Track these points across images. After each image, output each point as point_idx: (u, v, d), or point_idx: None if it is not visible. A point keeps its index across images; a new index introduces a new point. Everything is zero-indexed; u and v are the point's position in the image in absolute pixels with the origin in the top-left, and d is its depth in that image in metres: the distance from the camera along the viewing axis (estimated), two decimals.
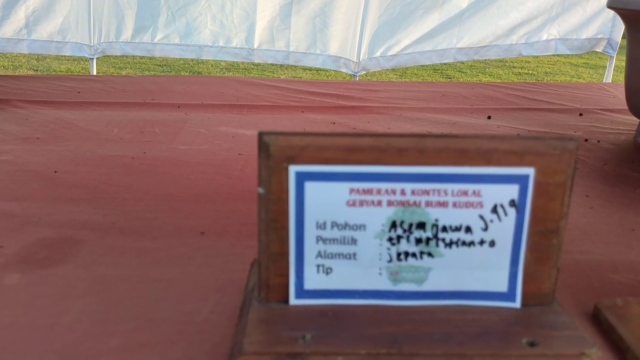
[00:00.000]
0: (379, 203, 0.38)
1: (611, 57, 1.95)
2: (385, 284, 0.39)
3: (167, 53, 1.98)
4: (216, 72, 3.47)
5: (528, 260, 0.39)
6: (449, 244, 0.39)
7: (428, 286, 0.39)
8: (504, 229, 0.38)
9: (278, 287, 0.39)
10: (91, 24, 1.92)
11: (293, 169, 0.37)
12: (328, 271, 0.39)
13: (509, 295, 0.40)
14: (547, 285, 0.40)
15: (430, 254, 0.39)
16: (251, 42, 1.95)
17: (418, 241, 0.39)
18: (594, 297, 0.46)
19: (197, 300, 0.45)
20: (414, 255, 0.39)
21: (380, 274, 0.39)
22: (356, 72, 2.00)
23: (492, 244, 0.39)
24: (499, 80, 3.64)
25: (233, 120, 1.09)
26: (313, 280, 0.39)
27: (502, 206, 0.38)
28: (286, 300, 0.39)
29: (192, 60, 3.31)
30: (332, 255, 0.39)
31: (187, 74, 3.32)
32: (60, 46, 1.93)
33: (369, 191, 0.38)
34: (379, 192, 0.38)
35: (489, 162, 0.37)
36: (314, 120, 1.11)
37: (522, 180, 0.38)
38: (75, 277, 0.49)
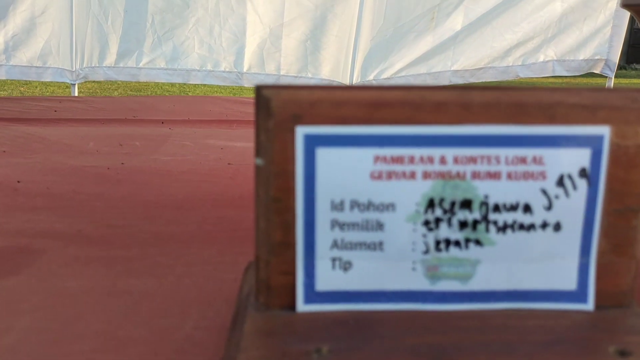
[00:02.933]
0: (412, 175, 0.29)
1: (609, 78, 1.92)
2: (420, 283, 0.30)
3: (152, 77, 1.90)
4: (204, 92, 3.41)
5: (602, 249, 0.30)
6: (503, 228, 0.30)
7: (476, 285, 0.30)
8: (572, 208, 0.30)
9: (282, 288, 0.30)
10: (73, 49, 1.85)
11: (301, 131, 0.29)
12: (346, 266, 0.30)
13: (579, 295, 0.31)
14: (626, 281, 0.31)
15: (478, 242, 0.30)
16: (240, 65, 1.88)
17: (462, 225, 0.30)
18: None
19: (177, 314, 0.36)
20: (457, 243, 0.30)
21: (414, 269, 0.30)
22: None
23: (557, 227, 0.30)
24: None
25: (222, 134, 1.01)
26: (327, 278, 0.30)
27: (570, 177, 0.30)
28: (292, 306, 0.30)
29: (189, 85, 3.25)
30: (352, 246, 0.30)
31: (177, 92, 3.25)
32: (41, 71, 1.85)
33: (399, 159, 0.29)
34: (412, 160, 0.29)
35: (552, 120, 0.29)
36: None
37: (594, 142, 0.29)
38: (26, 289, 0.39)
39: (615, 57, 1.91)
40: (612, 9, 1.87)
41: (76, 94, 1.92)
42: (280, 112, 0.29)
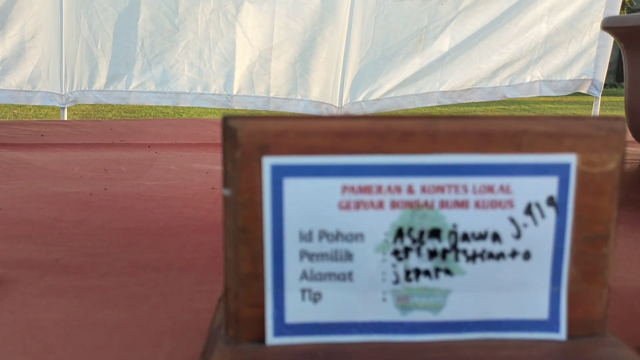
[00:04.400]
0: (380, 204, 0.29)
1: (596, 98, 1.94)
2: (391, 314, 0.30)
3: (142, 101, 1.91)
4: (196, 115, 3.42)
5: (573, 277, 0.30)
6: (472, 257, 0.30)
7: (447, 315, 0.30)
8: (541, 236, 0.30)
9: (251, 321, 0.30)
10: (63, 73, 1.85)
11: (268, 162, 0.29)
12: (316, 298, 0.30)
13: (551, 324, 0.30)
14: (598, 309, 0.31)
15: (448, 271, 0.30)
16: (230, 88, 1.89)
17: (432, 254, 0.30)
18: None
19: (148, 346, 0.35)
20: (427, 273, 0.30)
21: (384, 299, 0.30)
22: None
23: (526, 255, 0.30)
24: None
25: (208, 158, 1.01)
26: (297, 310, 0.30)
27: (537, 205, 0.30)
28: (262, 339, 0.30)
29: (184, 107, 3.25)
30: (321, 276, 0.30)
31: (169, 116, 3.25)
32: (30, 95, 1.85)
33: (367, 189, 0.29)
34: (379, 190, 0.29)
35: (518, 149, 0.29)
36: None
37: (561, 170, 0.29)
38: None
39: (602, 77, 1.93)
40: (597, 30, 1.89)
41: (66, 118, 1.92)
42: (246, 143, 0.29)
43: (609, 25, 0.87)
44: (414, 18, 1.85)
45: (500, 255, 0.30)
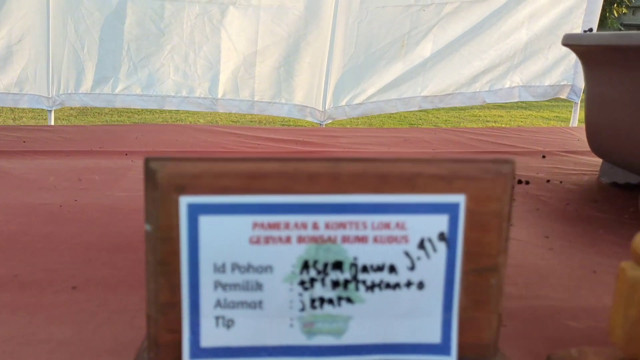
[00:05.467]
0: (288, 240, 0.32)
1: (575, 103, 1.97)
2: (298, 338, 0.33)
3: (128, 104, 1.93)
4: (191, 120, 3.43)
5: (463, 305, 0.33)
6: (371, 287, 0.33)
7: (348, 339, 0.33)
8: (433, 268, 0.33)
9: (170, 345, 0.33)
10: (50, 76, 1.87)
11: (184, 201, 0.32)
12: (229, 324, 0.33)
13: (443, 347, 0.34)
14: (488, 334, 0.34)
15: (349, 300, 0.33)
16: (215, 92, 1.92)
17: (335, 284, 0.33)
18: (549, 348, 0.40)
19: None
20: (330, 301, 0.33)
21: (291, 325, 0.33)
22: (322, 121, 1.97)
23: (420, 285, 0.33)
24: None
25: None
26: (211, 335, 0.33)
27: (430, 240, 0.33)
28: None
29: (182, 112, 3.26)
30: (234, 305, 0.33)
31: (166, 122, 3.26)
32: (17, 98, 1.88)
33: (275, 225, 0.32)
34: (287, 226, 0.32)
35: (413, 189, 0.32)
36: None
37: (451, 209, 0.32)
38: None
39: (581, 82, 1.96)
40: None
41: (52, 122, 1.94)
42: (165, 183, 0.32)
43: (568, 43, 0.90)
44: (396, 24, 1.88)
45: (396, 285, 0.33)
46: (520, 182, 0.92)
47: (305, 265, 0.33)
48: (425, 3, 1.86)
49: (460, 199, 0.32)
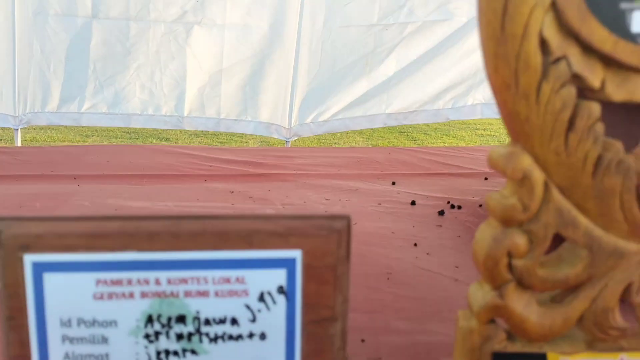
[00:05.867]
0: (132, 295, 0.34)
1: None
2: None
3: (94, 122, 1.94)
4: (184, 138, 3.43)
5: (305, 353, 0.35)
6: (214, 339, 0.34)
7: None
8: (274, 319, 0.34)
9: None
10: (16, 95, 1.88)
11: (29, 259, 0.33)
12: None
13: None
14: None
15: (194, 352, 0.34)
16: (181, 109, 1.94)
17: (179, 337, 0.34)
18: None
19: None
20: (175, 353, 0.34)
21: None
22: (288, 138, 2.00)
23: (262, 336, 0.35)
24: (462, 143, 3.71)
25: (127, 191, 1.05)
26: None
27: (269, 293, 0.34)
28: None
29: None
30: (82, 357, 0.34)
31: (155, 141, 3.26)
32: None
33: (118, 282, 0.34)
34: (130, 282, 0.34)
35: (250, 245, 0.34)
36: (213, 189, 1.07)
37: (289, 264, 0.34)
38: None
39: None
40: None
41: (19, 143, 1.95)
42: (10, 243, 0.33)
43: None
44: (360, 43, 1.91)
45: (239, 337, 0.34)
46: (452, 206, 0.94)
47: (150, 319, 0.34)
48: (388, 22, 1.90)
49: (296, 254, 0.34)
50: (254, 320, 0.34)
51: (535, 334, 0.36)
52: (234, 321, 0.34)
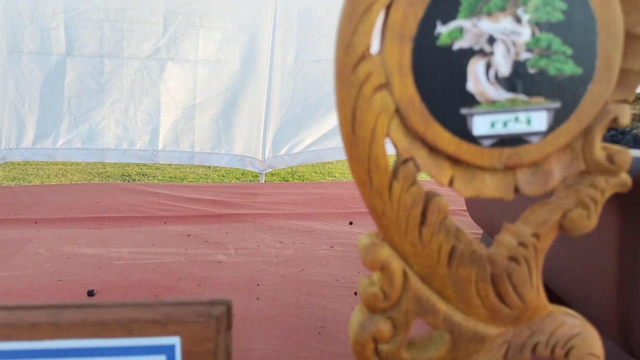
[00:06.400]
0: None
1: None
2: None
3: (69, 157, 1.96)
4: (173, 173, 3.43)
5: None
6: None
7: None
8: None
9: None
10: None
11: None
12: None
13: None
14: None
15: None
16: (155, 144, 1.96)
17: None
18: None
19: None
20: None
21: None
22: (262, 170, 2.02)
23: None
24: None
25: (85, 236, 1.06)
26: None
27: None
28: None
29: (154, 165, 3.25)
30: None
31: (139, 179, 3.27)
32: None
33: None
34: None
35: (130, 334, 0.35)
36: (171, 232, 1.08)
37: (168, 350, 0.35)
38: None
39: None
40: None
41: None
42: None
43: None
44: (331, 76, 1.93)
45: None
46: None
47: None
48: None
49: (175, 340, 0.35)
50: None
51: None
52: None
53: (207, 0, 1.87)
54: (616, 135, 0.57)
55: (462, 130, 0.32)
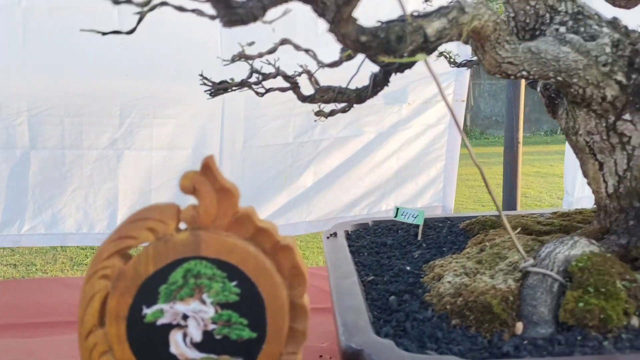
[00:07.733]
0: None
1: None
2: None
3: (33, 243, 2.08)
4: None
5: None
6: None
7: None
8: None
9: None
10: None
11: None
12: None
13: None
14: None
15: None
16: (113, 226, 2.07)
17: None
18: None
19: None
20: None
21: None
22: None
23: None
24: None
25: (10, 347, 1.13)
26: None
27: None
28: None
29: None
30: None
31: None
32: None
33: None
34: None
35: None
36: None
37: None
38: None
39: (451, 203, 2.15)
40: (441, 164, 2.14)
41: None
42: None
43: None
44: (278, 159, 2.08)
45: None
46: None
47: None
48: (303, 141, 2.07)
49: None
50: None
51: None
52: None
53: (160, 95, 2.02)
54: None
55: None
